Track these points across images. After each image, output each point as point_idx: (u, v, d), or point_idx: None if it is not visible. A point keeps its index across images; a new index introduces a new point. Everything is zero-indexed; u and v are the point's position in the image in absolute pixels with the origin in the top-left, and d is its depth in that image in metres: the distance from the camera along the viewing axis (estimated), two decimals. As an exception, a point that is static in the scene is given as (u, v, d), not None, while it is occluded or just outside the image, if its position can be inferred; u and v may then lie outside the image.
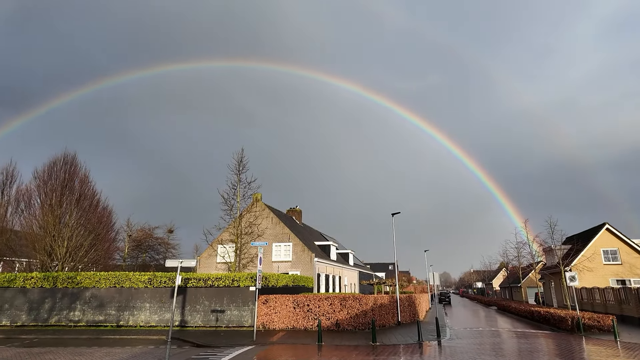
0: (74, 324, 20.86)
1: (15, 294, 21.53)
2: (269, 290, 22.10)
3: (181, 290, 20.85)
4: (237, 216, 25.12)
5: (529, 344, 16.41)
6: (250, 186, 25.75)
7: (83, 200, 25.63)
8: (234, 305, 20.43)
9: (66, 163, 26.74)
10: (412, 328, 21.59)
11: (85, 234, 25.03)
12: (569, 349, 14.74)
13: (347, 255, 46.69)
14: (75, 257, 23.84)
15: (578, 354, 13.62)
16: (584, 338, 18.33)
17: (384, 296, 22.32)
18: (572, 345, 15.74)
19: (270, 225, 33.83)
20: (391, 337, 17.95)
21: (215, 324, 20.28)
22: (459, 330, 22.15)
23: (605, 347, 15.18)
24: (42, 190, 25.25)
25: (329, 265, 37.04)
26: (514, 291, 59.52)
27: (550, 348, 15.33)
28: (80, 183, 26.78)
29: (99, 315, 20.97)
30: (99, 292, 21.30)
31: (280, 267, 32.70)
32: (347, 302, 19.96)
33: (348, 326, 19.67)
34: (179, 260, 12.78)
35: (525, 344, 16.28)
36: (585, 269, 30.35)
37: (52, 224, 23.78)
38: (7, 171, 25.97)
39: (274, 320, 20.00)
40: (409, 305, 25.57)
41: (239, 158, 26.05)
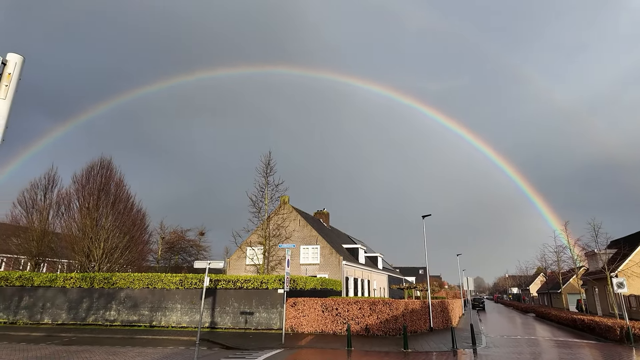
0: (109, 323, 21.51)
1: (56, 294, 22.48)
2: (297, 293, 21.95)
3: (211, 292, 21.07)
4: (265, 218, 25.21)
5: (573, 354, 15.36)
6: (278, 188, 25.82)
7: (118, 203, 26.51)
8: (263, 307, 20.41)
9: (102, 167, 27.81)
10: (445, 335, 20.82)
11: (120, 236, 25.85)
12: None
13: (376, 259, 45.97)
14: (111, 258, 24.66)
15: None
16: (634, 349, 17.01)
17: (415, 301, 21.66)
18: (621, 357, 14.58)
19: (298, 227, 33.78)
20: (423, 343, 17.32)
21: (244, 326, 20.33)
22: (495, 338, 21.14)
23: (661, 360, 13.98)
24: (81, 194, 26.33)
25: (357, 269, 36.55)
26: (554, 298, 56.59)
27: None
28: (115, 187, 27.75)
29: (132, 316, 21.52)
30: (133, 293, 21.87)
31: (308, 269, 32.54)
32: (377, 306, 19.48)
33: (378, 331, 19.19)
34: (207, 261, 12.83)
35: (568, 355, 15.25)
36: (634, 274, 28.32)
37: (89, 227, 24.73)
38: (49, 176, 27.26)
39: (303, 324, 19.81)
40: (442, 311, 24.71)
41: (267, 161, 26.21)
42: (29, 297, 22.62)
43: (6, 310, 22.49)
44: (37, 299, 22.54)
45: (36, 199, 26.45)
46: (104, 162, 27.93)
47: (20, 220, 26.19)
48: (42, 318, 22.14)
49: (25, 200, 26.21)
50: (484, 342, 18.50)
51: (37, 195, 26.74)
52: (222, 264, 12.93)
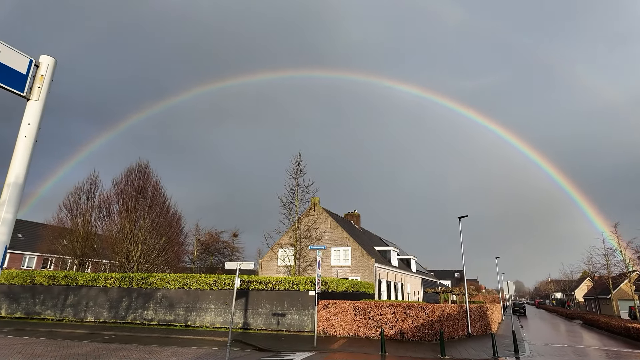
0: (147, 322, 22.14)
1: (98, 293, 23.44)
2: (329, 295, 21.67)
3: (243, 293, 21.21)
4: (295, 220, 25.18)
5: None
6: (308, 190, 25.73)
7: (155, 206, 27.34)
8: (294, 309, 20.29)
9: (140, 171, 28.80)
10: (484, 341, 19.85)
11: (157, 237, 26.63)
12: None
13: (409, 262, 44.89)
14: (149, 259, 25.44)
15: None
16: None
17: (452, 306, 20.82)
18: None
19: (329, 229, 33.54)
20: (461, 350, 16.55)
21: (277, 327, 20.29)
22: (539, 346, 19.92)
23: None
24: (120, 197, 27.39)
25: (390, 271, 35.79)
26: (602, 304, 53.03)
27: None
28: (152, 190, 28.66)
29: (169, 315, 22.05)
30: (169, 293, 22.41)
31: (339, 272, 32.20)
32: (412, 310, 18.86)
33: (413, 336, 18.56)
34: (237, 262, 12.85)
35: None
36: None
37: (128, 228, 25.65)
38: (91, 180, 28.56)
39: (335, 327, 19.51)
40: (480, 316, 23.64)
41: (297, 162, 26.19)
42: (74, 295, 23.72)
43: (54, 308, 23.70)
44: (81, 297, 23.60)
45: (80, 202, 27.77)
46: (142, 166, 28.93)
47: (65, 222, 27.58)
48: (85, 316, 23.15)
49: (70, 204, 27.58)
50: (527, 351, 17.46)
51: (81, 199, 28.07)
52: (252, 265, 12.91)
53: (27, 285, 24.47)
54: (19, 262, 42.73)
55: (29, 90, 4.31)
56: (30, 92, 4.21)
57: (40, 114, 4.51)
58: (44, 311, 23.77)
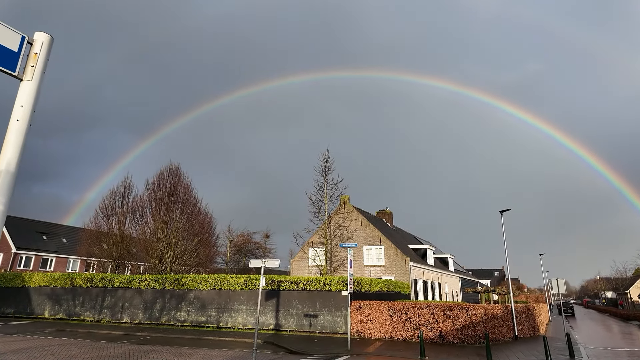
0: (180, 323, 22.15)
1: (133, 294, 23.76)
2: (362, 295, 20.80)
3: (274, 294, 20.75)
4: (325, 218, 24.47)
5: None
6: (337, 187, 24.94)
7: (186, 208, 27.51)
8: (327, 310, 19.58)
9: (172, 174, 29.12)
10: (533, 344, 18.30)
11: (189, 239, 26.76)
12: None
13: (446, 260, 43.08)
14: (181, 260, 25.56)
15: None
16: None
17: (496, 306, 19.38)
18: None
19: (360, 227, 32.60)
20: (509, 354, 15.21)
21: (309, 329, 19.65)
22: (597, 350, 18.11)
23: None
24: (152, 200, 27.76)
25: (426, 271, 34.35)
26: (662, 303, 48.67)
27: None
28: (183, 192, 28.89)
29: (201, 317, 21.94)
30: (201, 294, 22.32)
31: (372, 271, 31.19)
32: (452, 311, 17.65)
33: (454, 339, 17.35)
34: (262, 260, 12.30)
35: None
36: None
37: (161, 230, 25.90)
38: (125, 184, 29.17)
39: (369, 329, 18.61)
40: (527, 317, 21.96)
41: (325, 159, 25.48)
42: (111, 297, 24.17)
43: (92, 310, 24.26)
44: (117, 299, 24.01)
45: (115, 206, 28.40)
46: (173, 169, 29.25)
47: (102, 226, 28.29)
48: (122, 317, 23.51)
49: (105, 207, 28.26)
50: (584, 355, 15.82)
51: (116, 203, 28.71)
52: (277, 263, 12.31)
53: (67, 287, 25.23)
54: (64, 265, 44.76)
55: (21, 69, 3.79)
56: (24, 72, 3.70)
57: (35, 96, 3.97)
58: (83, 312, 24.39)
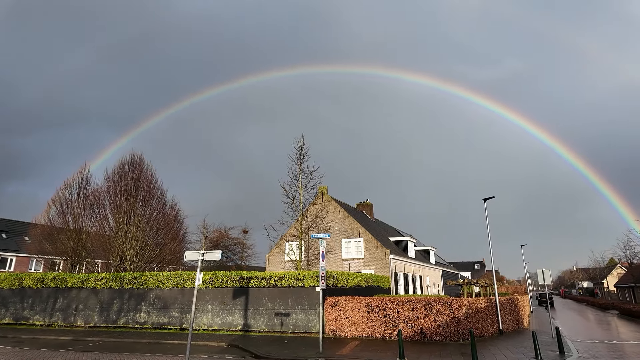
0: (140, 326, 20.15)
1: (88, 295, 21.57)
2: (338, 291, 19.29)
3: (243, 291, 19.02)
4: (299, 208, 22.78)
5: None
6: (313, 176, 23.26)
7: (149, 199, 25.36)
8: (300, 307, 17.96)
9: (134, 164, 26.85)
10: (519, 339, 17.19)
11: (152, 233, 24.65)
12: None
13: (428, 253, 42.11)
14: (142, 257, 23.44)
15: None
16: None
17: (481, 299, 18.17)
18: None
19: (338, 219, 31.07)
20: (495, 352, 13.95)
21: (280, 328, 18.01)
22: (584, 343, 17.13)
23: None
24: (112, 192, 25.47)
25: (407, 264, 33.16)
26: (639, 292, 49.27)
27: None
28: (147, 183, 26.67)
29: (163, 318, 19.99)
30: (163, 293, 20.36)
31: (351, 265, 29.77)
32: (434, 306, 16.29)
33: (436, 336, 16.02)
34: (199, 252, 10.43)
35: None
36: None
37: (121, 225, 23.71)
38: (82, 175, 26.72)
39: (345, 327, 17.10)
40: (511, 310, 20.92)
41: (300, 146, 23.73)
42: (63, 298, 21.92)
43: (42, 313, 21.96)
44: (70, 300, 21.79)
45: (70, 199, 25.96)
46: (135, 158, 26.98)
47: (55, 220, 25.83)
48: (75, 320, 21.32)
49: (59, 200, 25.80)
50: (573, 350, 14.73)
51: (72, 195, 26.26)
52: (218, 255, 10.55)
53: (15, 289, 22.82)
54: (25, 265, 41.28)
55: None
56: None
57: None
58: (32, 316, 22.06)
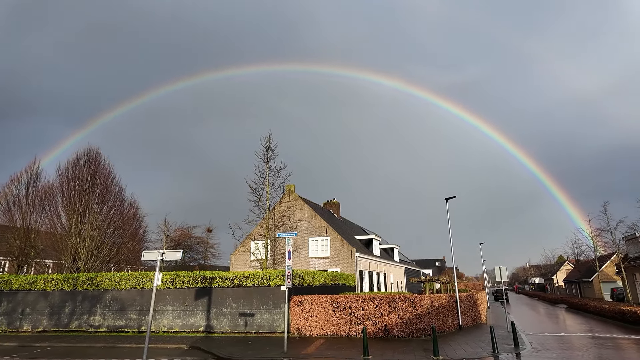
0: (94, 329, 19.09)
1: (36, 298, 20.17)
2: (304, 290, 19.20)
3: (206, 292, 18.48)
4: (266, 207, 22.45)
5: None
6: (280, 174, 22.99)
7: (105, 196, 24.11)
8: (265, 307, 17.71)
9: (90, 159, 25.44)
10: (477, 334, 17.86)
11: (109, 232, 23.45)
12: None
13: (392, 251, 42.95)
14: (98, 256, 22.23)
15: None
16: None
17: (442, 296, 18.70)
18: None
19: (305, 217, 30.98)
20: (456, 346, 14.40)
21: (244, 329, 17.66)
22: (537, 336, 18.06)
23: None
24: (65, 188, 23.98)
25: (372, 262, 33.64)
26: (584, 287, 52.82)
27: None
28: (104, 179, 25.35)
29: (119, 320, 19.06)
30: (120, 295, 19.40)
31: (317, 263, 29.79)
32: (398, 303, 16.59)
33: (399, 333, 16.31)
34: (158, 251, 9.96)
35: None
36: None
37: (73, 223, 22.36)
38: (32, 170, 24.93)
39: (310, 326, 17.04)
40: (470, 306, 21.71)
41: (267, 143, 23.37)
42: (8, 302, 20.37)
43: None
44: (16, 303, 20.28)
45: (17, 195, 24.16)
46: (91, 153, 25.58)
47: (0, 218, 23.95)
48: (21, 325, 19.86)
49: (5, 196, 23.94)
50: (526, 343, 15.49)
51: (19, 191, 24.46)
52: (179, 254, 10.16)
53: (-48, 292, 20.94)
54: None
55: None
56: None
57: None
58: (-28, 322, 20.33)
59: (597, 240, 35.44)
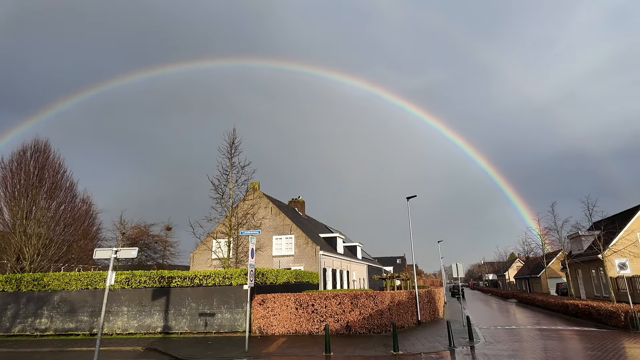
0: (40, 333, 17.87)
1: (-26, 300, 18.59)
2: (267, 288, 19.01)
3: (164, 292, 17.83)
4: (229, 204, 21.98)
5: (598, 348, 13.15)
6: (245, 170, 22.55)
7: (55, 191, 22.62)
8: (226, 307, 17.35)
9: (37, 151, 23.76)
10: (435, 328, 18.48)
11: (59, 229, 22.04)
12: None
13: (355, 249, 43.56)
14: (46, 255, 20.82)
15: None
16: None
17: (402, 292, 19.18)
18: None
19: (270, 215, 30.70)
20: (414, 341, 14.81)
21: (204, 329, 17.22)
22: (489, 329, 18.98)
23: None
24: (9, 182, 22.24)
25: (335, 259, 33.92)
26: (533, 282, 56.20)
27: (633, 354, 12.08)
28: (53, 173, 23.77)
29: (69, 323, 17.96)
30: (69, 296, 18.29)
31: (281, 262, 29.61)
32: (360, 300, 16.82)
33: (361, 329, 16.55)
34: (112, 249, 9.51)
35: (590, 349, 13.06)
36: (632, 255, 26.85)
37: (18, 219, 20.81)
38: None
39: (273, 324, 16.90)
40: (429, 302, 22.43)
41: (231, 139, 22.86)
42: (-60, 305, 18.63)
43: None
44: (-50, 307, 18.59)
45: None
46: (39, 145, 23.89)
47: None
48: (-45, 330, 18.24)
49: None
50: (480, 337, 16.21)
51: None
52: (134, 253, 9.76)
53: None
54: None
55: None
56: None
57: None
58: None
59: (545, 239, 37.79)
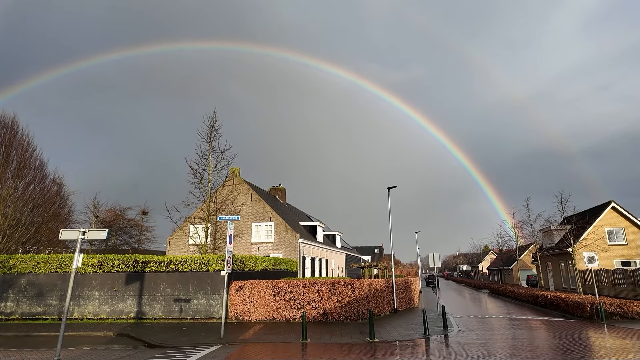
0: (5, 317, 17.18)
1: None
2: (245, 275, 18.82)
3: (138, 276, 17.39)
4: (208, 189, 21.51)
5: (565, 337, 13.63)
6: (225, 155, 22.06)
7: (23, 170, 21.57)
8: (202, 293, 17.08)
9: (4, 128, 22.51)
10: (410, 317, 18.78)
11: (27, 210, 21.10)
12: (621, 346, 12.00)
13: (334, 237, 43.73)
14: (12, 237, 19.90)
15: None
16: (606, 327, 15.87)
17: (379, 281, 19.35)
18: (620, 339, 13.05)
19: (250, 202, 30.33)
20: (390, 329, 14.98)
21: (179, 315, 16.93)
22: (463, 319, 19.43)
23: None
24: (-27, 159, 21.03)
25: (314, 248, 33.96)
26: (505, 274, 58.04)
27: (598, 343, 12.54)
28: (22, 151, 22.63)
29: (37, 307, 17.33)
30: (37, 279, 17.60)
31: (260, 249, 29.40)
32: (337, 288, 16.85)
33: (338, 316, 16.63)
34: (79, 230, 9.05)
35: (557, 338, 13.51)
36: (600, 249, 27.94)
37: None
38: None
39: (250, 311, 16.77)
40: (405, 291, 22.76)
41: (211, 123, 22.26)
42: None
43: None
44: None
45: None
46: (6, 121, 22.63)
47: None
48: None
49: None
50: (454, 325, 16.56)
51: None
52: (104, 234, 9.36)
53: None
54: None
55: None
56: None
57: None
58: None
59: (519, 232, 38.91)
